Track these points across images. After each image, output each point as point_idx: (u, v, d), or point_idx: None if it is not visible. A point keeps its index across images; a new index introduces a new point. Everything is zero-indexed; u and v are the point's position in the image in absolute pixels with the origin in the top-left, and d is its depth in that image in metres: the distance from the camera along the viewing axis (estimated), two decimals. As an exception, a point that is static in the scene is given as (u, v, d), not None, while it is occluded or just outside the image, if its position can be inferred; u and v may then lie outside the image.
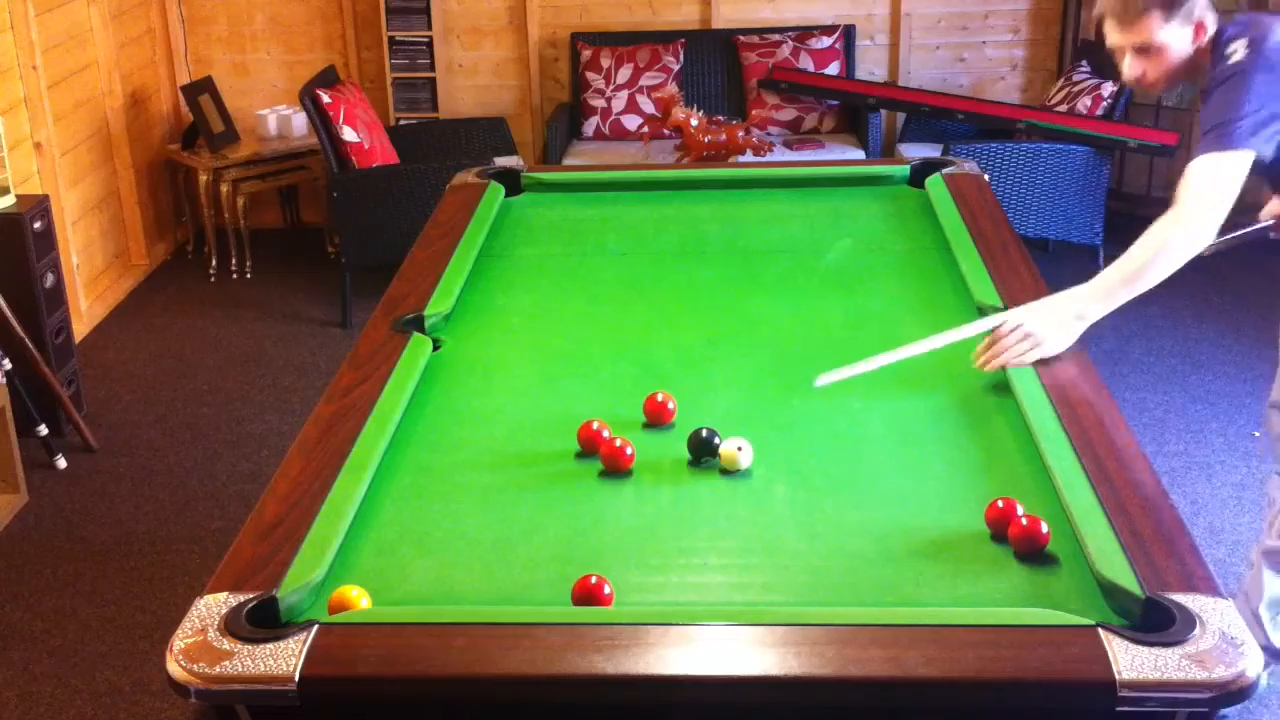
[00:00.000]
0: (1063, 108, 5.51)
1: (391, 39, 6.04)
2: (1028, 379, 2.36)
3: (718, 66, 6.10)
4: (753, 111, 5.96)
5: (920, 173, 3.55)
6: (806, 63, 5.96)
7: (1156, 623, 1.68)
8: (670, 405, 2.34)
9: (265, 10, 6.20)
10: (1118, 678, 1.58)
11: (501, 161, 4.82)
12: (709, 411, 2.36)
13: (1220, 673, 1.59)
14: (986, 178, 3.51)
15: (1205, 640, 1.63)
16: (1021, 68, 6.25)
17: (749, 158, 5.32)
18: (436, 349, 2.64)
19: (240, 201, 5.79)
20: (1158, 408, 4.43)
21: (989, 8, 6.17)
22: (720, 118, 5.56)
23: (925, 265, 3.04)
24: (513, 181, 3.59)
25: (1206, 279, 5.22)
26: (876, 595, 1.85)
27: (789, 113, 5.98)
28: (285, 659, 1.64)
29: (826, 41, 5.98)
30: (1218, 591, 1.74)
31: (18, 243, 4.26)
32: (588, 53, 6.00)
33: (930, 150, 5.54)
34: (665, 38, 6.04)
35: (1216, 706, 1.59)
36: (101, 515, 3.99)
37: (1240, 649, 1.62)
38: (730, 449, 2.17)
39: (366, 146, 5.25)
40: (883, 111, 5.87)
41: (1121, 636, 1.64)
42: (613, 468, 2.18)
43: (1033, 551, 1.91)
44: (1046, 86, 6.12)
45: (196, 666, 1.65)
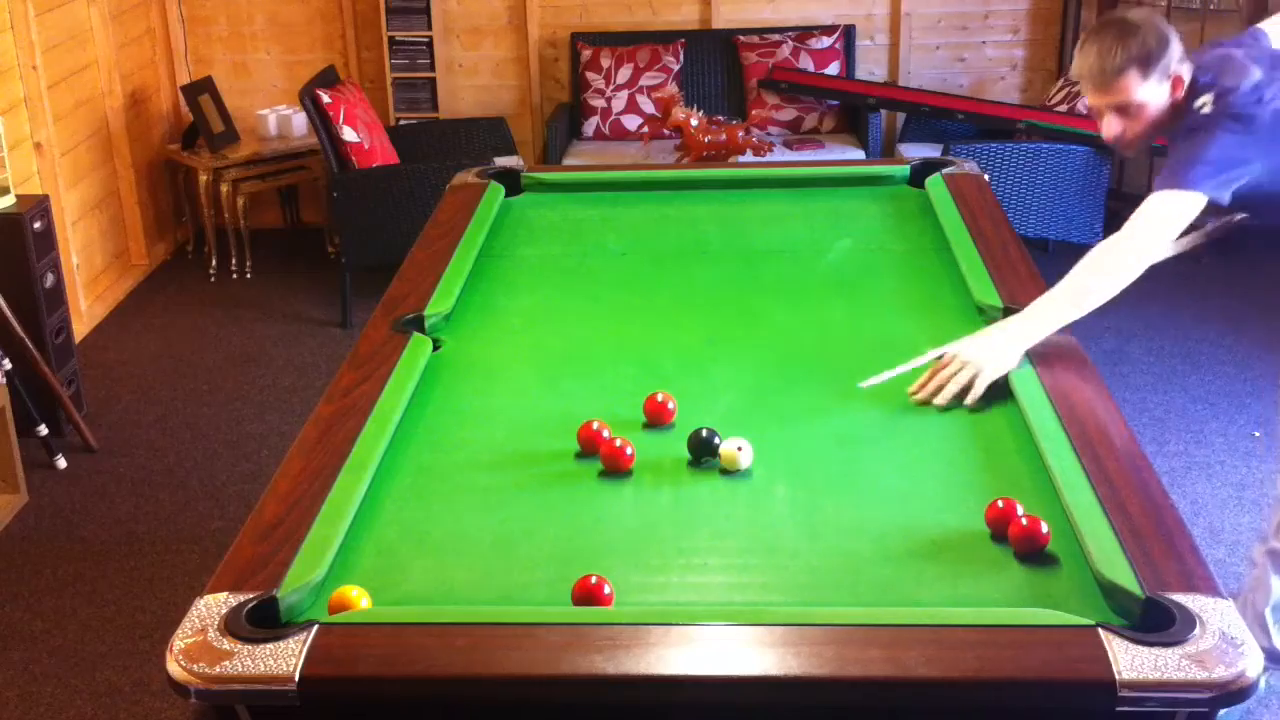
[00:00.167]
0: (1063, 108, 5.51)
1: (391, 39, 6.04)
2: (1028, 379, 2.37)
3: (718, 66, 6.10)
4: (753, 111, 5.96)
5: (920, 173, 3.55)
6: (806, 63, 5.96)
7: (1156, 623, 1.68)
8: (670, 405, 2.34)
9: (265, 10, 6.20)
10: (1118, 678, 1.58)
11: (501, 161, 4.81)
12: (709, 412, 2.36)
13: (1220, 673, 1.59)
14: (986, 178, 3.51)
15: (1205, 640, 1.63)
16: (1021, 68, 6.25)
17: (749, 158, 5.32)
18: (436, 349, 2.64)
19: (240, 201, 5.79)
20: (1158, 408, 4.43)
21: (989, 8, 6.17)
22: (720, 118, 5.56)
23: (925, 265, 3.04)
24: (513, 181, 3.59)
25: (1207, 279, 5.22)
26: (876, 595, 1.85)
27: (789, 113, 5.98)
28: (285, 659, 1.64)
29: (826, 41, 5.98)
30: (1218, 591, 1.74)
31: (18, 243, 4.25)
32: (588, 53, 6.00)
33: (930, 150, 5.54)
34: (665, 38, 6.04)
35: (1216, 706, 1.59)
36: (101, 515, 3.99)
37: (1240, 649, 1.62)
38: (730, 449, 2.17)
39: (366, 146, 5.25)
40: (883, 111, 5.87)
41: (1121, 636, 1.64)
42: (613, 468, 2.18)
43: (1033, 551, 1.91)
44: (1046, 86, 6.12)
45: (196, 666, 1.65)
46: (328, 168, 5.32)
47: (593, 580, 1.82)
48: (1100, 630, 1.65)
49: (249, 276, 5.91)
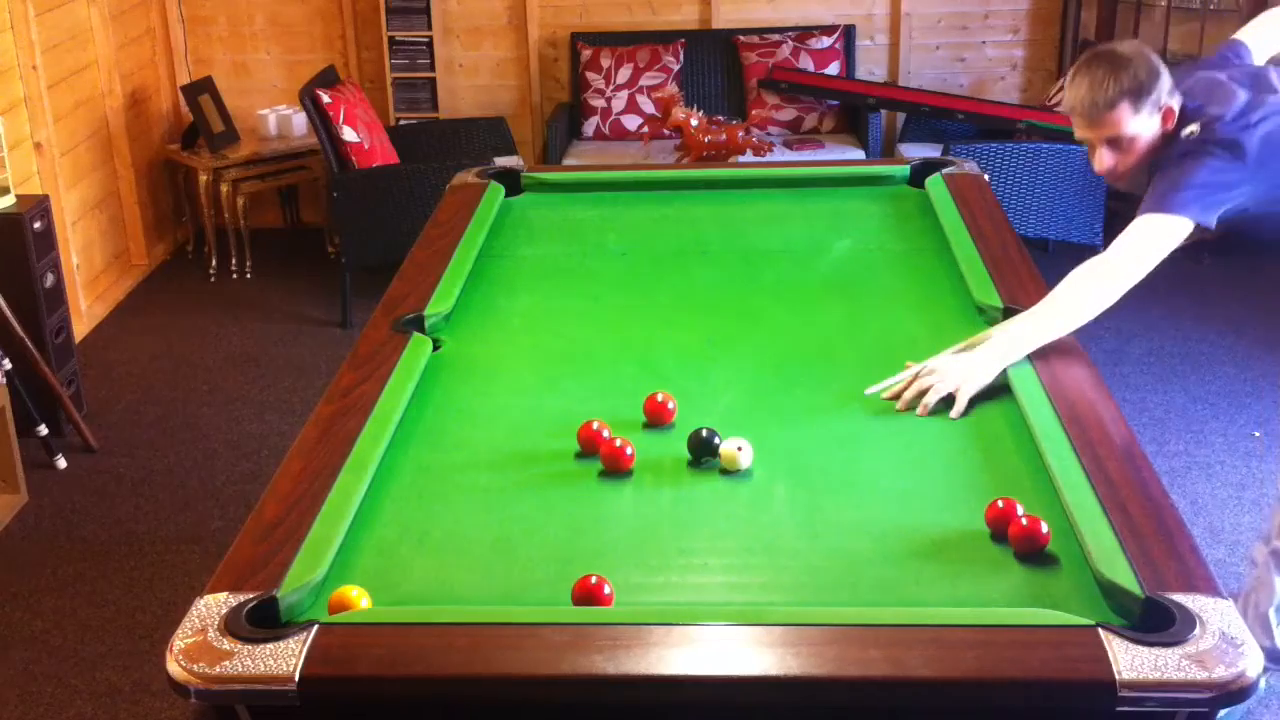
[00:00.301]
0: (1063, 108, 5.51)
1: (391, 39, 6.04)
2: (1027, 379, 2.37)
3: (718, 66, 6.10)
4: (753, 111, 5.96)
5: (920, 173, 3.55)
6: (806, 63, 5.96)
7: (1156, 623, 1.68)
8: (670, 405, 2.34)
9: (265, 10, 6.20)
10: (1118, 678, 1.58)
11: (501, 161, 4.81)
12: (709, 411, 2.36)
13: (1220, 673, 1.59)
14: (986, 178, 3.51)
15: (1205, 640, 1.63)
16: (1021, 68, 6.25)
17: (749, 158, 5.31)
18: (436, 349, 2.64)
19: (240, 201, 5.79)
20: (1158, 408, 4.43)
21: (989, 8, 6.17)
22: (720, 118, 5.56)
23: (925, 265, 3.04)
24: (513, 181, 3.59)
25: (1207, 279, 5.22)
26: (876, 595, 1.85)
27: (789, 113, 5.98)
28: (285, 659, 1.64)
29: (826, 41, 5.98)
30: (1218, 591, 1.74)
31: (18, 243, 4.25)
32: (588, 53, 6.00)
33: (930, 150, 5.54)
34: (665, 38, 6.04)
35: (1216, 706, 1.59)
36: (101, 515, 3.99)
37: (1240, 649, 1.62)
38: (730, 449, 2.17)
39: (366, 146, 5.25)
40: (883, 111, 5.87)
41: (1121, 636, 1.64)
42: (613, 468, 2.18)
43: (1033, 551, 1.91)
44: (1046, 86, 6.12)
45: (196, 666, 1.65)
46: (328, 168, 5.32)
47: (593, 580, 1.82)
48: (1100, 630, 1.65)
49: (249, 276, 5.91)
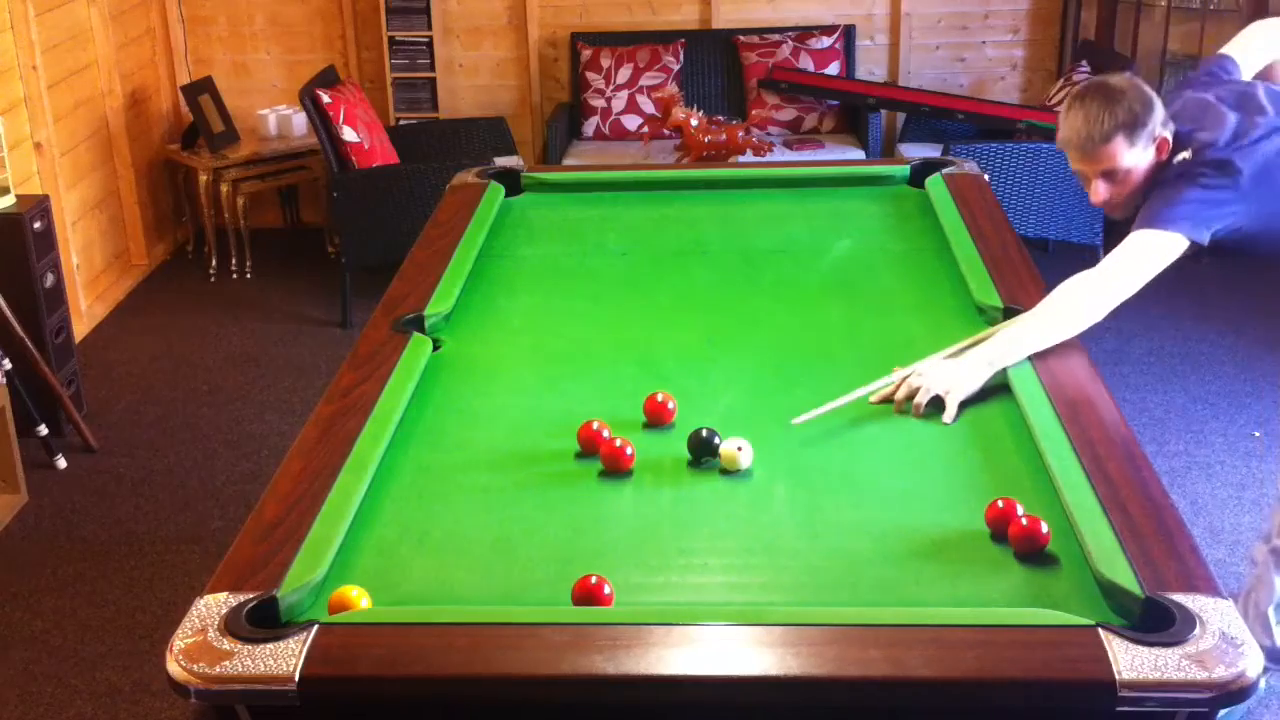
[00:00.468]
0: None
1: (391, 39, 6.04)
2: (1027, 378, 2.37)
3: (718, 66, 6.10)
4: (753, 111, 5.96)
5: (920, 173, 3.55)
6: (806, 63, 5.96)
7: (1156, 623, 1.68)
8: (670, 405, 2.34)
9: (265, 10, 6.20)
10: (1118, 678, 1.58)
11: (501, 161, 4.81)
12: (709, 411, 2.36)
13: (1220, 673, 1.59)
14: (986, 178, 3.51)
15: (1205, 640, 1.63)
16: (1021, 68, 6.25)
17: (749, 158, 5.31)
18: (436, 349, 2.64)
19: (240, 201, 5.79)
20: (1158, 408, 4.43)
21: (989, 8, 6.17)
22: (720, 118, 5.56)
23: (925, 265, 3.04)
24: (513, 181, 3.59)
25: (1207, 279, 5.22)
26: (876, 595, 1.85)
27: (789, 113, 5.98)
28: (285, 659, 1.64)
29: (826, 41, 5.98)
30: (1218, 591, 1.74)
31: (18, 243, 4.25)
32: (588, 53, 6.00)
33: (930, 150, 5.54)
34: (665, 38, 6.04)
35: (1216, 706, 1.59)
36: (101, 515, 3.99)
37: (1240, 649, 1.62)
38: (730, 449, 2.17)
39: (366, 146, 5.25)
40: (883, 111, 5.87)
41: (1121, 636, 1.64)
42: (613, 468, 2.18)
43: (1033, 551, 1.91)
44: (1046, 86, 6.12)
45: (196, 666, 1.65)
46: (328, 168, 5.32)
47: (593, 580, 1.82)
48: (1100, 630, 1.65)
49: (249, 276, 5.91)
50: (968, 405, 2.35)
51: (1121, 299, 2.46)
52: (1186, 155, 2.54)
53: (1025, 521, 1.93)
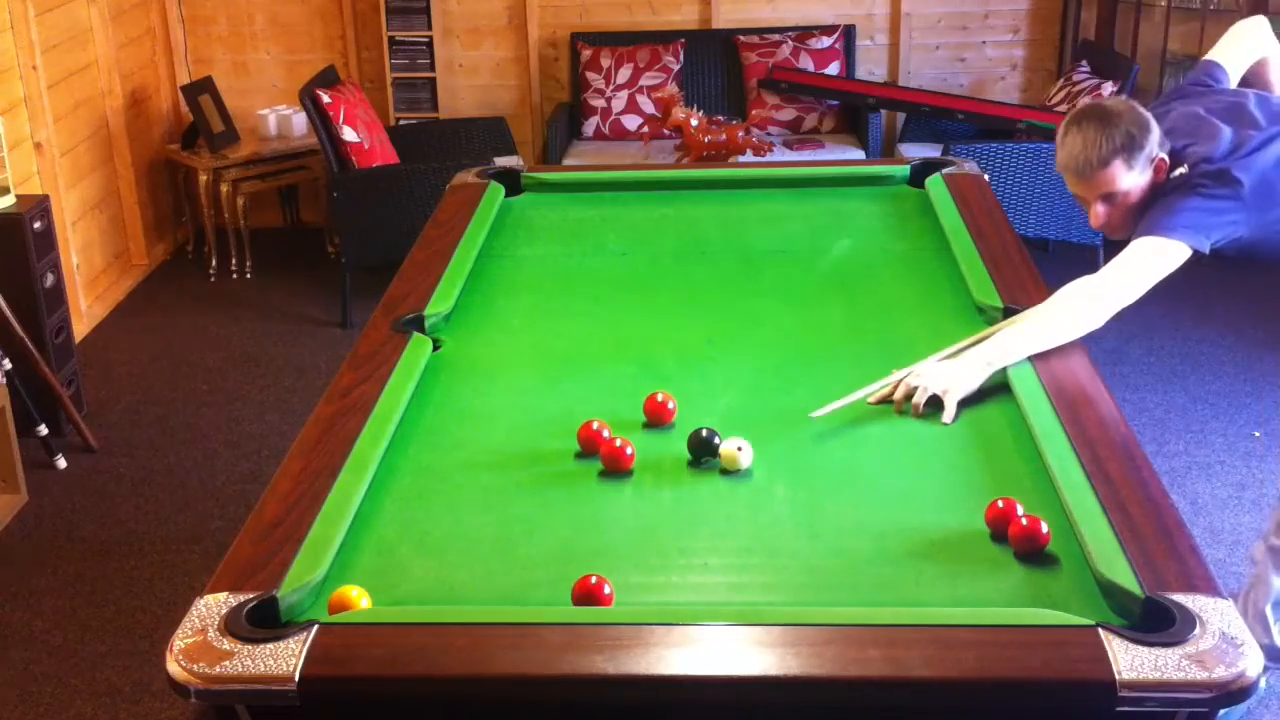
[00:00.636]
0: (1063, 108, 5.51)
1: (391, 39, 6.04)
2: (1027, 378, 2.37)
3: (718, 66, 6.10)
4: (753, 111, 5.96)
5: (920, 173, 3.55)
6: (806, 63, 5.96)
7: (1156, 623, 1.68)
8: (670, 405, 2.34)
9: (265, 10, 6.20)
10: (1118, 678, 1.58)
11: (501, 161, 4.81)
12: (709, 411, 2.36)
13: (1220, 673, 1.59)
14: (986, 178, 3.51)
15: (1205, 640, 1.63)
16: (1021, 68, 6.25)
17: (749, 158, 5.32)
18: (436, 349, 2.64)
19: (240, 201, 5.79)
20: (1158, 408, 4.43)
21: (989, 8, 6.17)
22: (720, 118, 5.56)
23: (925, 265, 3.04)
24: (513, 181, 3.59)
25: (1207, 279, 5.21)
26: (876, 595, 1.85)
27: (789, 113, 5.98)
28: (285, 659, 1.64)
29: (826, 41, 5.98)
30: (1218, 591, 1.74)
31: (18, 243, 4.25)
32: (588, 53, 6.00)
33: (930, 150, 5.54)
34: (665, 38, 6.04)
35: (1217, 707, 1.59)
36: (101, 515, 3.99)
37: (1240, 649, 1.62)
38: (730, 449, 2.17)
39: (366, 146, 5.25)
40: (883, 111, 5.87)
41: (1121, 636, 1.64)
42: (613, 468, 2.18)
43: (1033, 551, 1.91)
44: (1046, 86, 6.12)
45: (196, 666, 1.65)
46: (328, 168, 5.32)
47: (593, 580, 1.82)
48: (1100, 630, 1.65)
49: (249, 276, 5.91)
50: (967, 405, 2.35)
51: (1121, 306, 2.47)
52: (1183, 170, 2.55)
53: (1025, 521, 1.93)
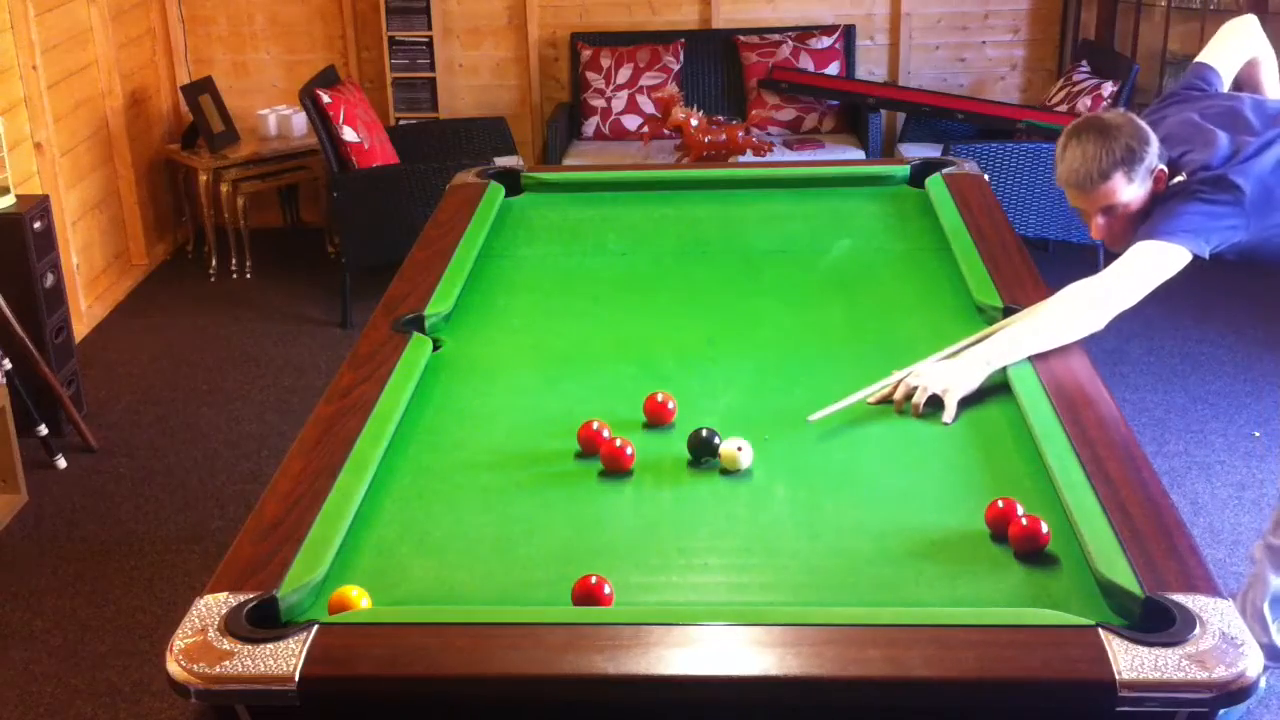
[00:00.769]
0: (1063, 108, 5.51)
1: (391, 39, 6.04)
2: (1027, 378, 2.37)
3: (718, 66, 6.10)
4: (753, 111, 5.96)
5: (920, 173, 3.55)
6: (806, 63, 5.96)
7: (1156, 623, 1.68)
8: (670, 405, 2.34)
9: (265, 10, 6.20)
10: (1118, 678, 1.58)
11: (501, 161, 4.82)
12: (709, 411, 2.36)
13: (1220, 673, 1.59)
14: (986, 178, 3.51)
15: (1205, 640, 1.63)
16: (1021, 68, 6.25)
17: (749, 158, 5.32)
18: (436, 349, 2.64)
19: (240, 201, 5.79)
20: (1158, 408, 4.43)
21: (989, 8, 6.17)
22: (720, 118, 5.56)
23: (925, 265, 3.04)
24: (513, 181, 3.59)
25: (1207, 279, 5.21)
26: (876, 595, 1.85)
27: (789, 113, 5.98)
28: (285, 659, 1.64)
29: (826, 41, 5.98)
30: (1218, 591, 1.74)
31: (18, 243, 4.25)
32: (588, 53, 6.00)
33: (930, 150, 5.54)
34: (665, 38, 6.04)
35: (1217, 707, 1.59)
36: (101, 515, 3.99)
37: (1240, 649, 1.62)
38: (730, 449, 2.17)
39: (366, 146, 5.24)
40: (883, 111, 5.87)
41: (1121, 636, 1.64)
42: (613, 468, 2.18)
43: (1033, 551, 1.91)
44: (1046, 86, 6.12)
45: (196, 666, 1.65)
46: (328, 168, 5.32)
47: (593, 580, 1.82)
48: (1100, 630, 1.65)
49: (249, 276, 5.91)
50: (967, 405, 2.35)
51: (1121, 309, 2.48)
52: (1182, 178, 2.56)
53: (1025, 521, 1.93)
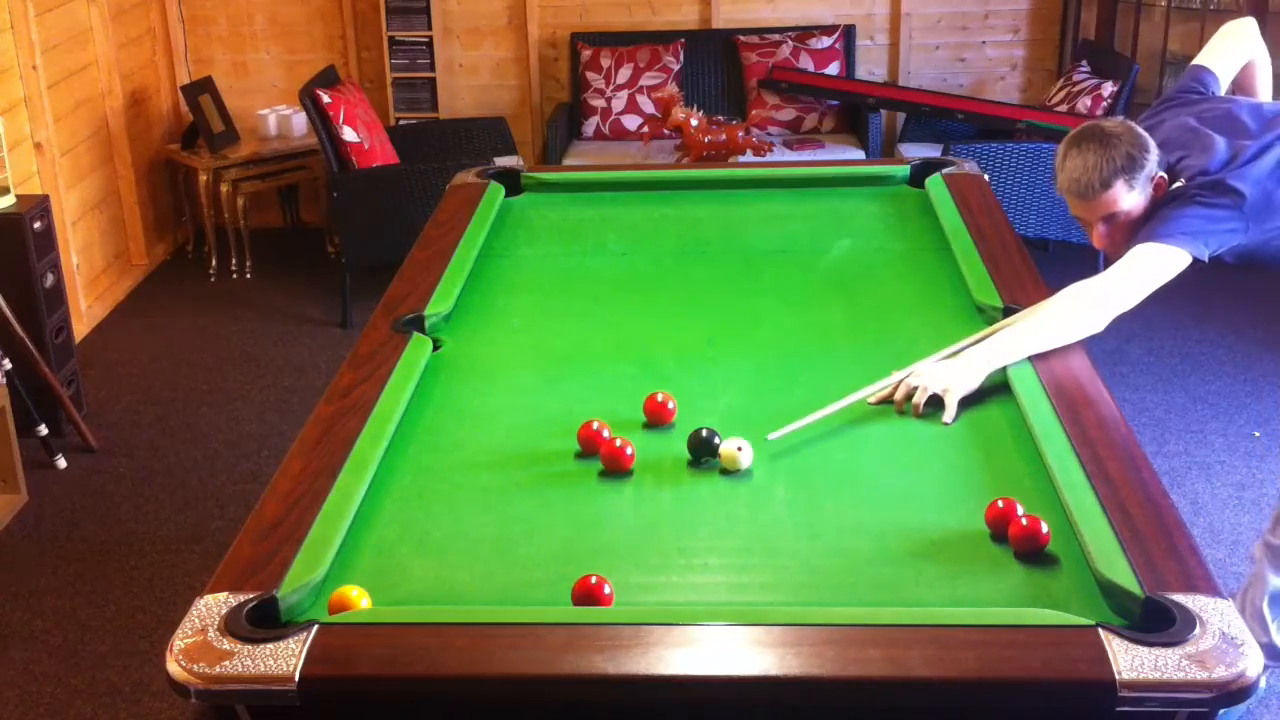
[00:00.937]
0: (1063, 108, 5.51)
1: (391, 39, 6.04)
2: (1027, 378, 2.37)
3: (718, 66, 6.10)
4: (753, 111, 5.96)
5: (920, 173, 3.55)
6: (806, 63, 5.96)
7: (1156, 623, 1.68)
8: (670, 405, 2.34)
9: (265, 10, 6.20)
10: (1118, 678, 1.58)
11: (501, 161, 4.82)
12: (709, 411, 2.36)
13: (1220, 673, 1.59)
14: (986, 178, 3.51)
15: (1205, 640, 1.63)
16: (1021, 68, 6.25)
17: (749, 158, 5.32)
18: (436, 349, 2.64)
19: (240, 201, 5.79)
20: (1158, 408, 4.43)
21: (989, 8, 6.17)
22: (720, 118, 5.56)
23: (925, 265, 3.04)
24: (513, 181, 3.59)
25: (1207, 279, 5.21)
26: (876, 595, 1.85)
27: (789, 113, 5.98)
28: (285, 659, 1.64)
29: (826, 41, 5.98)
30: (1218, 591, 1.74)
31: (18, 243, 4.25)
32: (588, 53, 6.00)
33: (930, 150, 5.54)
34: (665, 38, 6.04)
35: (1217, 707, 1.59)
36: (101, 515, 3.99)
37: (1240, 649, 1.62)
38: (730, 449, 2.17)
39: (366, 146, 5.24)
40: (883, 111, 5.87)
41: (1121, 636, 1.64)
42: (613, 468, 2.18)
43: (1033, 551, 1.91)
44: (1046, 86, 6.12)
45: (196, 666, 1.65)
46: (328, 168, 5.32)
47: (593, 580, 1.82)
48: (1100, 630, 1.65)
49: (249, 276, 5.91)
50: (967, 405, 2.35)
51: (1120, 311, 2.48)
52: (1180, 183, 2.56)
53: (1025, 521, 1.93)
